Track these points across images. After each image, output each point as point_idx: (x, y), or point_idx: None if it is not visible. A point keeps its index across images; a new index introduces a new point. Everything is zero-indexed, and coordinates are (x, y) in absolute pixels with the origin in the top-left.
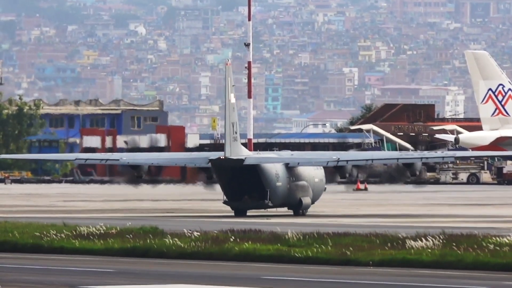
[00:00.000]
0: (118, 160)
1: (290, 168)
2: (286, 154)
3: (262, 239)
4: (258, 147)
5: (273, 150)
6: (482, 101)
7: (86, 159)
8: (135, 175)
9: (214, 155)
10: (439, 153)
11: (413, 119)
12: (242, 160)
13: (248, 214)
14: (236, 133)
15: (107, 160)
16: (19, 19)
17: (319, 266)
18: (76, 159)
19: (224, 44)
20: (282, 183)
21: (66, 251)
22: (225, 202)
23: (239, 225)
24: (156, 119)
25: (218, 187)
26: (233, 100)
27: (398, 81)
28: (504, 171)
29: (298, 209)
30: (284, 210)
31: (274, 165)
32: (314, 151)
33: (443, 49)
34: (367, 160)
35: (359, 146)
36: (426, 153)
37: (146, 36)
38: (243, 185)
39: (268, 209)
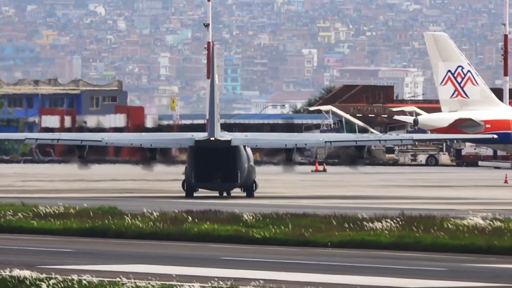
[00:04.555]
0: (79, 140)
1: (245, 150)
2: (240, 135)
3: (221, 219)
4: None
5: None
6: (441, 82)
7: (37, 139)
8: (77, 155)
9: (198, 136)
10: (395, 135)
11: (372, 101)
12: (229, 141)
13: (195, 195)
14: (219, 114)
15: (58, 140)
16: None
17: (277, 247)
18: (26, 138)
19: (184, 25)
20: (247, 164)
21: (25, 231)
22: (192, 183)
23: (197, 206)
24: (115, 99)
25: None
26: (217, 81)
27: (357, 63)
28: (463, 153)
29: (252, 190)
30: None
31: (243, 146)
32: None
33: (402, 31)
34: (350, 141)
35: (318, 128)
36: (384, 136)
37: (105, 16)
38: (217, 166)
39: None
